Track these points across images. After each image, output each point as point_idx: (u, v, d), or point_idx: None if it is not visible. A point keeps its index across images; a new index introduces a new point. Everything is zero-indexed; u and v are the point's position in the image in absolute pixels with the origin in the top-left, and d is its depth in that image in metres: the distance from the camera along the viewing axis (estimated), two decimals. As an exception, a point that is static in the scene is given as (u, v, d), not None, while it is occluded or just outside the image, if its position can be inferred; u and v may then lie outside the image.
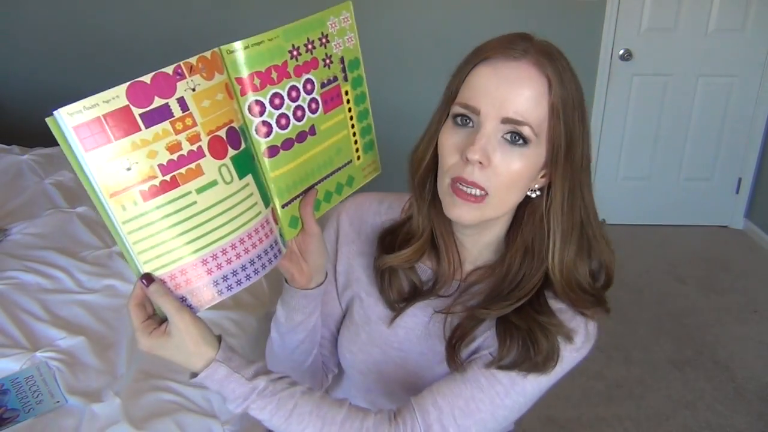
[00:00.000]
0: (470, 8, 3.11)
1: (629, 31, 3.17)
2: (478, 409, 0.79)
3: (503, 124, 0.74)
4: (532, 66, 0.74)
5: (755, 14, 3.14)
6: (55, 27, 3.14)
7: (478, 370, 0.80)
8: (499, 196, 0.77)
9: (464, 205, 0.77)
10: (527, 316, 0.80)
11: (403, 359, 0.91)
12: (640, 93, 3.30)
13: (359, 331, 0.93)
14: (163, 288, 0.67)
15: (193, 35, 3.10)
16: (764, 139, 3.37)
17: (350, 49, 0.77)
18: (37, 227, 1.85)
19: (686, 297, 2.91)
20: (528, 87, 0.74)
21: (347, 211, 0.96)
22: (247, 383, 0.73)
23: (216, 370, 0.72)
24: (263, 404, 0.74)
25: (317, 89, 0.74)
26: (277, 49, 0.68)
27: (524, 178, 0.77)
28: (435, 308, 0.89)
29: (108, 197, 0.61)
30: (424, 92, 3.17)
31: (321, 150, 0.76)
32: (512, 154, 0.75)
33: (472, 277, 0.89)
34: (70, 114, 0.58)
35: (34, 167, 2.26)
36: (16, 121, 3.26)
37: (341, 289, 0.96)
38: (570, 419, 2.17)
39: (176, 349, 0.70)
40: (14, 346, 1.37)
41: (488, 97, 0.74)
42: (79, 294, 1.56)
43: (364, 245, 0.94)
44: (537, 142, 0.75)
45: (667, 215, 3.55)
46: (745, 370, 2.44)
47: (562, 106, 0.74)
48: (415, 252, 0.88)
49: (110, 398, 1.24)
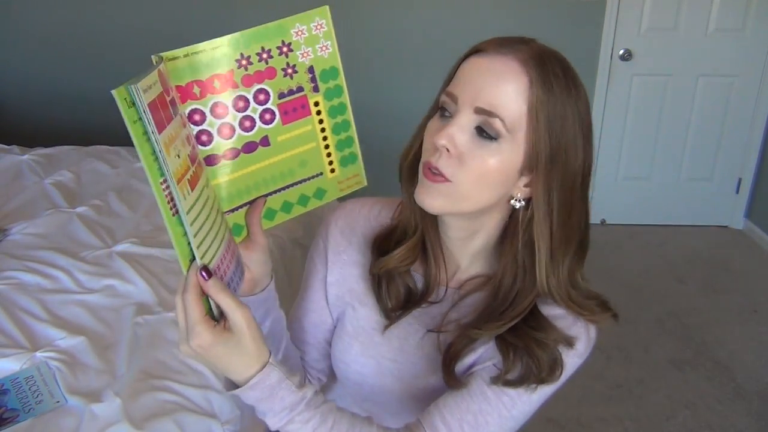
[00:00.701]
0: (470, 9, 3.11)
1: (629, 31, 3.17)
2: (487, 422, 0.79)
3: (476, 114, 0.73)
4: (517, 62, 0.72)
5: (755, 14, 3.14)
6: (55, 27, 3.14)
7: (484, 384, 0.80)
8: (464, 187, 0.74)
9: (430, 188, 0.75)
10: (522, 333, 0.79)
11: (398, 369, 0.90)
12: (640, 93, 3.30)
13: (352, 342, 0.91)
14: (221, 283, 0.65)
15: (194, 35, 3.10)
16: (764, 139, 3.37)
17: (323, 58, 0.72)
18: (37, 227, 1.85)
19: (686, 297, 2.91)
20: (507, 81, 0.72)
21: (336, 221, 0.94)
22: (297, 391, 0.71)
23: (269, 374, 0.69)
24: (309, 416, 0.71)
25: (273, 99, 0.71)
26: (223, 57, 0.67)
27: (493, 176, 0.74)
28: (428, 319, 0.88)
29: (176, 182, 0.59)
30: (422, 94, 3.17)
31: (277, 161, 0.74)
32: (481, 148, 0.73)
33: (466, 287, 0.88)
34: (144, 90, 0.56)
35: (34, 167, 2.26)
36: (16, 121, 3.26)
37: (333, 300, 0.94)
38: (570, 419, 2.17)
39: (236, 348, 0.66)
40: (14, 346, 1.37)
41: (467, 86, 0.74)
42: (79, 294, 1.56)
43: (355, 254, 0.92)
44: (510, 139, 0.72)
45: (667, 215, 3.55)
46: (745, 370, 2.44)
47: (544, 109, 0.71)
48: (409, 251, 0.86)
49: (110, 398, 1.24)
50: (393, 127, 3.25)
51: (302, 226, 2.06)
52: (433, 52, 3.14)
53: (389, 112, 3.27)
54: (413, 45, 3.18)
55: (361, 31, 3.17)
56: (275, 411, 0.70)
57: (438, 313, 0.88)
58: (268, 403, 0.70)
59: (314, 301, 0.95)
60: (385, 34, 3.18)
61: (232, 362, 0.67)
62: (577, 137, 0.74)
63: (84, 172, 2.24)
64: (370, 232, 0.92)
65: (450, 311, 0.87)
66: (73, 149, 2.45)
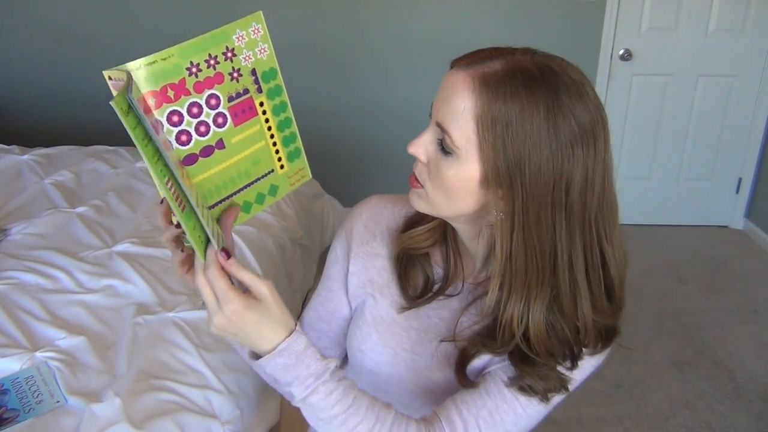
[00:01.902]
0: (470, 9, 3.11)
1: (629, 31, 3.17)
2: (502, 420, 0.81)
3: (437, 128, 0.75)
4: (470, 79, 0.71)
5: (755, 14, 3.14)
6: (55, 27, 3.14)
7: (502, 383, 0.81)
8: (432, 194, 0.78)
9: (413, 193, 0.81)
10: (520, 365, 0.79)
11: (413, 360, 0.91)
12: (640, 93, 3.30)
13: (371, 331, 0.93)
14: (238, 262, 0.69)
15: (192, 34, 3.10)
16: (764, 139, 3.37)
17: (263, 60, 0.76)
18: (37, 227, 1.85)
19: (686, 297, 2.91)
20: (457, 98, 0.72)
21: (361, 215, 0.96)
22: (322, 360, 0.73)
23: (297, 340, 0.72)
24: (333, 387, 0.73)
25: (224, 103, 0.74)
26: (173, 67, 0.69)
27: (455, 188, 0.75)
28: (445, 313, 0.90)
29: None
30: (425, 95, 3.18)
31: (234, 162, 0.77)
32: (442, 161, 0.75)
33: (484, 285, 0.88)
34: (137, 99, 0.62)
35: (34, 167, 2.26)
36: (16, 121, 3.26)
37: (353, 290, 0.96)
38: (570, 419, 2.17)
39: (265, 314, 0.70)
40: (14, 346, 1.37)
41: (436, 100, 0.76)
42: (79, 294, 1.56)
43: (379, 246, 0.94)
44: (463, 155, 0.72)
45: (667, 215, 3.55)
46: (745, 370, 2.44)
47: (495, 127, 0.69)
48: (430, 231, 0.89)
49: (110, 398, 1.24)
50: (395, 128, 3.27)
51: (302, 226, 2.07)
52: (434, 53, 3.14)
53: (392, 113, 3.27)
54: (414, 46, 3.18)
55: (362, 33, 3.17)
56: (301, 378, 0.72)
57: (457, 307, 0.89)
58: (295, 371, 0.72)
59: (333, 290, 0.97)
60: (386, 36, 3.18)
61: (261, 328, 0.70)
62: (541, 157, 0.69)
63: (84, 172, 2.24)
64: (394, 225, 0.94)
65: (466, 310, 0.88)
66: (73, 149, 2.45)
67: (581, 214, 0.72)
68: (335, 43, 3.18)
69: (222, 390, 1.30)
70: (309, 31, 3.14)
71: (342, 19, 3.15)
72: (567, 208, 0.72)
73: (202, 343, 1.40)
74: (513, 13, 3.12)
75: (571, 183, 0.71)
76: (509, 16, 3.13)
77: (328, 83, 3.24)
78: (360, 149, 3.34)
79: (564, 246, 0.73)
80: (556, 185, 0.70)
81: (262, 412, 1.37)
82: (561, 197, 0.71)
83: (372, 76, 3.24)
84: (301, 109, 3.58)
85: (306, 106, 3.25)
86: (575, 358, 0.79)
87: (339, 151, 3.33)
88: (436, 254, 0.92)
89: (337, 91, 3.25)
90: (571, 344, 0.78)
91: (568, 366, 0.80)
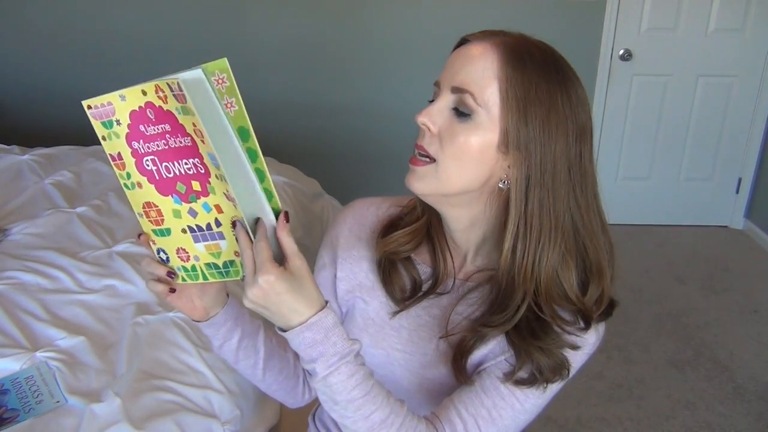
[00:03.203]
0: (471, 9, 3.11)
1: (629, 31, 3.17)
2: (501, 416, 0.81)
3: (452, 94, 0.77)
4: (491, 45, 0.76)
5: (755, 14, 3.14)
6: (55, 27, 3.14)
7: (498, 380, 0.82)
8: (447, 165, 0.78)
9: (415, 172, 0.80)
10: (525, 339, 0.80)
11: (406, 360, 0.91)
12: (640, 93, 3.30)
13: (361, 335, 0.93)
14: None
15: (193, 35, 3.11)
16: (764, 139, 3.37)
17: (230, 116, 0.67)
18: (37, 227, 1.84)
19: (686, 297, 2.91)
20: (479, 60, 0.76)
21: (345, 220, 0.96)
22: (348, 341, 0.75)
23: (326, 316, 0.73)
24: (354, 370, 0.74)
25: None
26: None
27: (471, 153, 0.77)
28: (436, 311, 0.89)
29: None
30: (425, 94, 3.17)
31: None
32: (458, 127, 0.77)
33: (473, 279, 0.89)
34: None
35: (34, 167, 2.26)
36: (16, 121, 3.26)
37: (342, 294, 0.96)
38: (570, 419, 2.17)
39: (298, 286, 0.71)
40: (14, 346, 1.37)
41: (447, 70, 0.79)
42: (79, 294, 1.56)
43: (364, 249, 0.94)
44: (484, 115, 0.75)
45: (667, 215, 3.55)
46: (745, 370, 2.44)
47: (516, 88, 0.74)
48: (410, 235, 0.89)
49: (110, 398, 1.23)
50: (395, 127, 3.26)
51: (302, 226, 2.07)
52: (435, 52, 3.14)
53: (392, 112, 3.27)
54: (414, 45, 3.18)
55: (362, 33, 3.17)
56: (327, 356, 0.73)
57: (447, 304, 0.89)
58: (321, 347, 0.73)
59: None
60: (386, 36, 3.18)
61: (294, 300, 0.71)
62: (557, 121, 0.75)
63: (84, 172, 2.24)
64: (379, 227, 0.94)
65: (457, 304, 0.88)
66: (73, 149, 2.45)
67: (590, 172, 0.79)
68: (335, 42, 3.18)
69: (222, 390, 1.30)
70: (309, 30, 3.14)
71: (341, 19, 3.15)
72: (579, 165, 0.77)
73: (202, 343, 1.40)
74: (513, 13, 3.12)
75: (582, 140, 0.77)
76: (510, 15, 3.13)
77: (328, 82, 3.24)
78: (360, 149, 3.34)
79: (572, 203, 0.78)
80: (570, 147, 0.76)
81: (262, 412, 1.37)
82: (576, 160, 0.77)
83: (372, 75, 3.24)
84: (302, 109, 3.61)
85: (306, 105, 3.26)
86: (586, 316, 0.80)
87: (339, 150, 3.33)
88: (423, 253, 0.91)
89: (337, 90, 3.25)
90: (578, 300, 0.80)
91: (581, 327, 0.80)
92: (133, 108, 0.68)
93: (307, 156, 2.85)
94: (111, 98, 0.69)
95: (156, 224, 0.77)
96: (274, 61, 3.16)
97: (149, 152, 0.70)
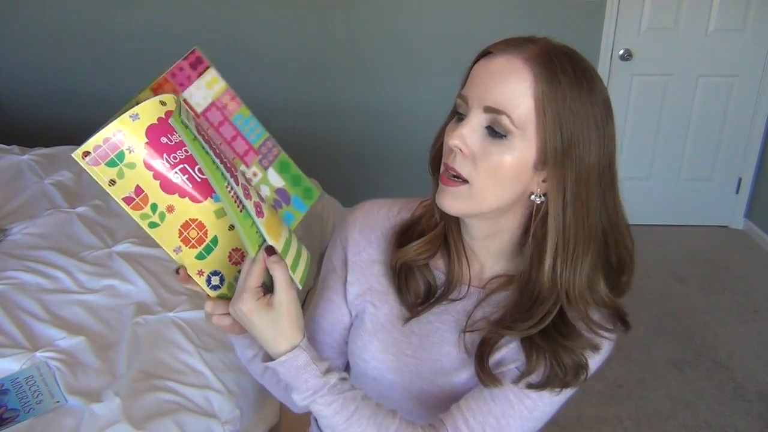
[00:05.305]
0: (472, 9, 3.11)
1: (629, 31, 3.17)
2: (509, 424, 0.81)
3: (485, 114, 0.75)
4: (521, 60, 0.73)
5: (755, 14, 3.14)
6: (55, 27, 3.13)
7: (506, 387, 0.81)
8: (481, 186, 0.76)
9: (447, 192, 0.78)
10: (551, 338, 0.80)
11: (416, 366, 0.90)
12: (640, 93, 3.30)
13: (372, 339, 0.91)
14: (283, 262, 0.72)
15: (193, 35, 3.10)
16: (764, 139, 3.37)
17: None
18: (37, 227, 1.85)
19: (686, 297, 2.91)
20: (512, 78, 0.73)
21: (355, 221, 0.94)
22: (320, 377, 0.75)
23: (297, 357, 0.74)
24: (330, 400, 0.75)
25: None
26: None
27: (507, 173, 0.75)
28: (449, 318, 0.89)
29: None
30: (429, 96, 3.17)
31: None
32: (492, 146, 0.75)
33: (490, 285, 0.88)
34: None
35: (34, 167, 2.26)
36: (16, 121, 3.26)
37: (353, 299, 0.94)
38: (570, 419, 2.17)
39: (271, 323, 0.72)
40: (14, 346, 1.37)
41: (476, 87, 0.76)
42: (79, 294, 1.56)
43: (375, 252, 0.92)
44: (520, 135, 0.74)
45: (667, 215, 3.54)
46: (745, 370, 2.44)
47: (551, 104, 0.72)
48: (428, 243, 0.87)
49: (110, 398, 1.24)
50: (396, 128, 3.26)
51: (302, 226, 2.06)
52: (437, 53, 3.15)
53: (394, 113, 3.27)
54: (417, 47, 3.18)
55: (366, 34, 3.17)
56: (300, 390, 0.75)
57: (461, 310, 0.88)
58: (294, 383, 0.75)
59: (333, 301, 0.95)
60: (389, 37, 3.17)
61: (266, 334, 0.73)
62: (590, 132, 0.74)
63: (84, 172, 2.24)
64: (390, 230, 0.92)
65: (475, 309, 0.87)
66: (73, 149, 2.43)
67: (615, 174, 0.79)
68: (339, 43, 3.18)
69: (222, 390, 1.30)
70: (313, 31, 3.14)
71: (345, 20, 3.15)
72: (609, 171, 0.78)
73: (202, 343, 1.40)
74: (514, 13, 3.12)
75: (611, 153, 0.77)
76: (510, 16, 3.12)
77: (329, 82, 3.24)
78: (361, 149, 3.34)
79: (601, 209, 0.78)
80: (601, 155, 0.75)
81: (262, 412, 1.37)
82: (606, 167, 0.77)
83: (373, 75, 3.24)
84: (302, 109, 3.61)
85: (306, 105, 3.26)
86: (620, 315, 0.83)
87: (340, 151, 3.33)
88: (438, 259, 0.90)
89: (337, 90, 3.25)
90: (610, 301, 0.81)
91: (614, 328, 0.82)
92: (152, 122, 0.65)
93: (307, 156, 2.85)
94: (117, 126, 0.65)
95: (200, 243, 0.72)
96: (274, 61, 3.16)
97: (177, 162, 0.67)
